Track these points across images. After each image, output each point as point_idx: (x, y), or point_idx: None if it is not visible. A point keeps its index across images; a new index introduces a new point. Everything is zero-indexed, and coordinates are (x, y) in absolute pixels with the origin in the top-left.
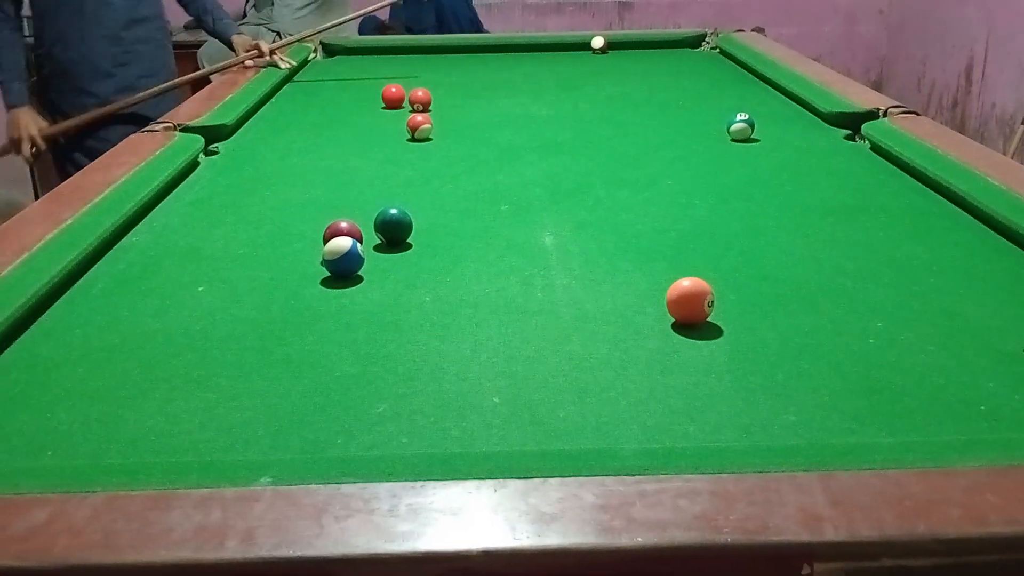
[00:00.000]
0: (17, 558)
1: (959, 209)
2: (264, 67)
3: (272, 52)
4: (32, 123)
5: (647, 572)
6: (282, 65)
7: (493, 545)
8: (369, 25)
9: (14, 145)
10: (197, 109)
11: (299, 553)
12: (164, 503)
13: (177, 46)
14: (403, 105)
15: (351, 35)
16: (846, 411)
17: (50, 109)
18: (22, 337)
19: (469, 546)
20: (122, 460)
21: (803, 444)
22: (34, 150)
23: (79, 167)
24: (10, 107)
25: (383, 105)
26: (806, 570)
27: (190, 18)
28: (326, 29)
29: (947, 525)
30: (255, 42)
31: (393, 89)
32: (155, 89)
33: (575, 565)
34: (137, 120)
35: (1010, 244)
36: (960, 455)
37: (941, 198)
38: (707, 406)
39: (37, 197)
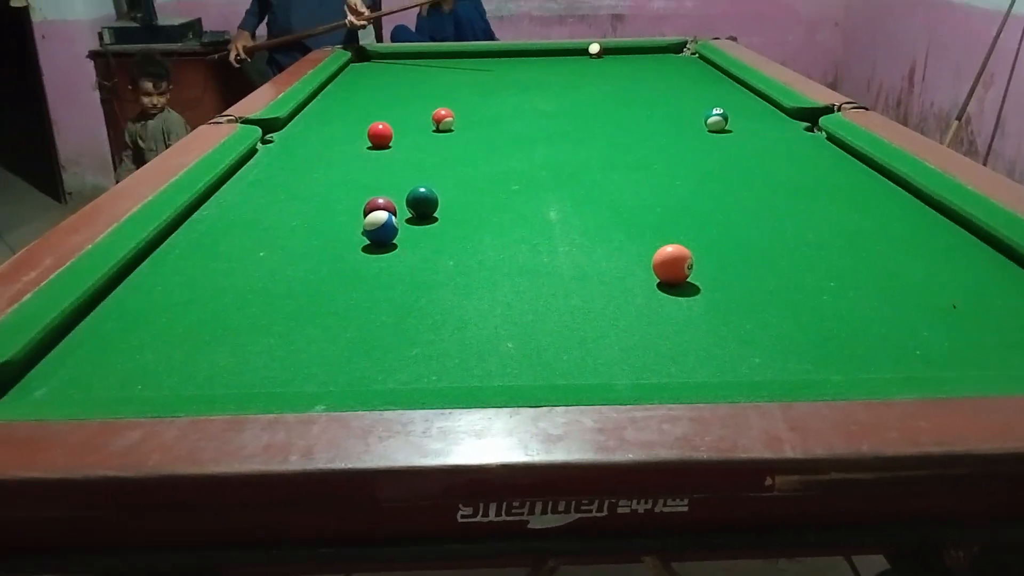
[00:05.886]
0: (119, 469)
1: (900, 188)
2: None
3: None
4: (241, 41)
5: (636, 483)
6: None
7: (509, 460)
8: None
9: (230, 51)
10: (255, 105)
11: (349, 466)
12: (238, 426)
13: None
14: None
15: (374, 42)
16: (803, 354)
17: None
18: (114, 292)
19: (489, 460)
20: (201, 392)
21: (766, 380)
22: (239, 57)
23: (279, 66)
24: (238, 28)
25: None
26: (768, 482)
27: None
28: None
29: (886, 445)
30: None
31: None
32: (318, 29)
33: (576, 476)
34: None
35: (942, 217)
36: (898, 390)
37: (885, 179)
38: (687, 350)
39: (117, 181)
